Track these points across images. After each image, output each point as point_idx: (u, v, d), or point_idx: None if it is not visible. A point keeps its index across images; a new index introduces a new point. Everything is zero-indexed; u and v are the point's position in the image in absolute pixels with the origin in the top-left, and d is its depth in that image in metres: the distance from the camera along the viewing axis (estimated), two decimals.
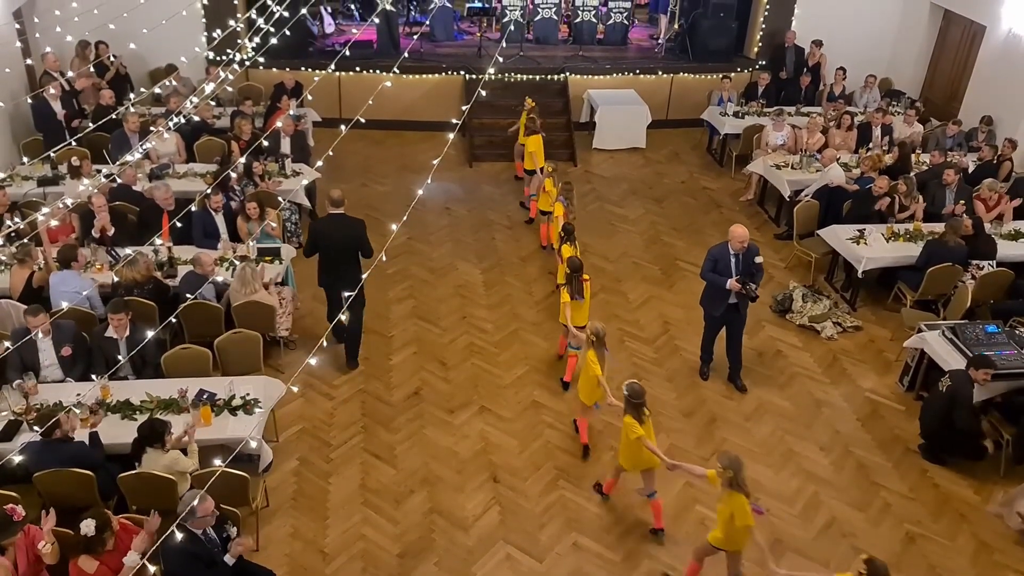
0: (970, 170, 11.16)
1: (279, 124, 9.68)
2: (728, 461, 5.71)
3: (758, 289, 8.07)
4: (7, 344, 6.36)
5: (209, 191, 8.89)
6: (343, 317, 5.43)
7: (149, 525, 5.54)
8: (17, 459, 5.23)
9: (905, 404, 8.46)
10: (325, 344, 6.83)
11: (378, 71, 13.30)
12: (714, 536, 5.93)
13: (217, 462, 5.00)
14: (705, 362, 8.73)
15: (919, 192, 10.34)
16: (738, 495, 5.65)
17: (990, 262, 9.26)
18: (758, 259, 8.07)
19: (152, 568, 4.19)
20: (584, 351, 7.24)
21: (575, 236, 8.92)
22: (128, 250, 8.21)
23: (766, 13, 14.49)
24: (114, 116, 10.03)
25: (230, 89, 11.82)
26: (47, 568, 5.47)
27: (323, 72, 11.21)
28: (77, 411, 6.37)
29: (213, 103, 11.61)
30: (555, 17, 15.09)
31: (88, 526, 5.26)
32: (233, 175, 9.30)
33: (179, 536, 4.78)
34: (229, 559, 5.56)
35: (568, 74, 13.98)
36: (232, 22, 8.76)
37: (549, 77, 13.93)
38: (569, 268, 8.05)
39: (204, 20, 12.83)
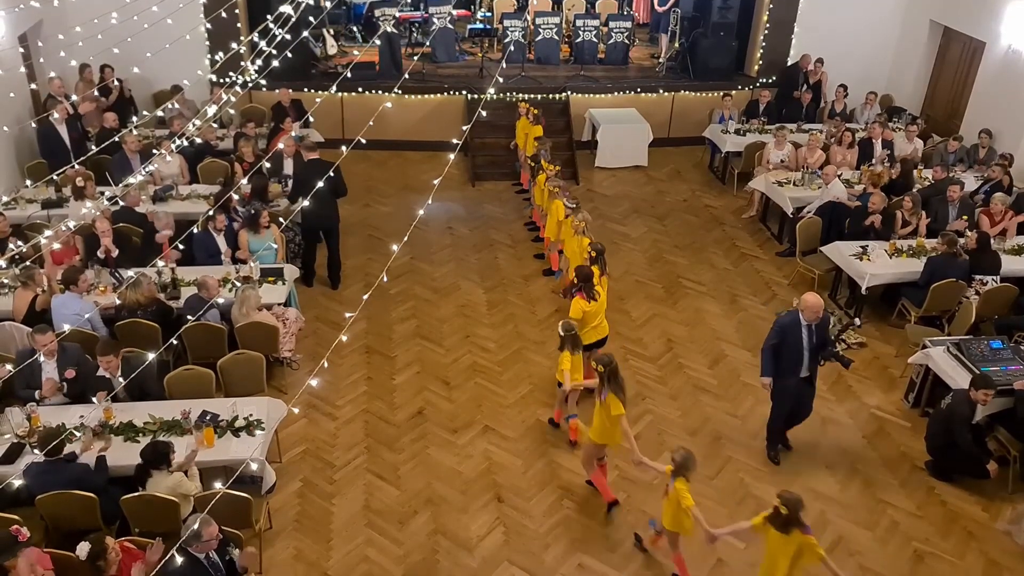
0: (973, 186, 11.18)
1: (281, 145, 9.73)
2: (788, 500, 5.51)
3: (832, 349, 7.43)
4: (8, 367, 6.36)
5: (211, 212, 8.92)
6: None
7: (151, 554, 5.48)
8: (17, 483, 5.21)
9: (911, 421, 8.41)
10: (326, 365, 6.80)
11: (380, 92, 13.37)
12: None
13: (218, 484, 4.98)
14: (773, 445, 7.81)
15: (922, 208, 10.35)
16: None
17: (994, 277, 9.24)
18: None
19: None
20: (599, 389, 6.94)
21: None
22: (131, 272, 8.22)
23: (766, 32, 14.57)
24: (117, 139, 10.08)
25: (232, 112, 11.89)
26: None
27: (325, 93, 11.27)
28: (78, 434, 6.36)
29: (216, 125, 11.67)
30: (556, 37, 15.20)
31: (82, 550, 5.23)
32: (235, 196, 9.34)
33: (180, 560, 4.75)
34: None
35: (569, 93, 14.05)
36: (235, 45, 8.82)
37: (551, 96, 14.00)
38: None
39: (207, 43, 12.92)
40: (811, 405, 7.69)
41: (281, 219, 9.36)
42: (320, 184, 7.22)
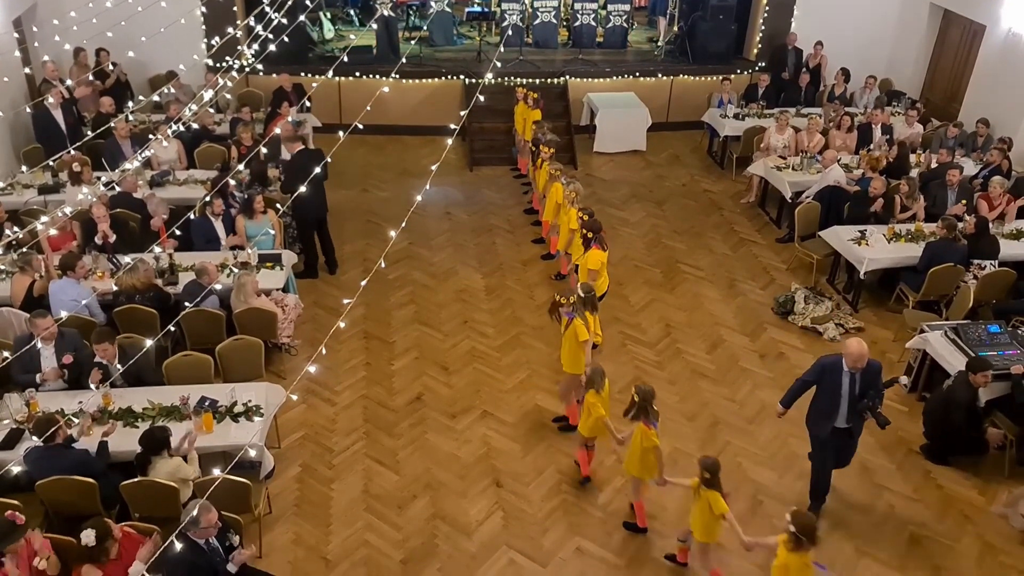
0: (972, 171, 11.16)
1: (278, 130, 9.69)
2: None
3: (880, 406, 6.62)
4: (6, 354, 6.35)
5: (208, 198, 8.89)
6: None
7: (153, 544, 5.48)
8: (17, 468, 5.21)
9: (908, 405, 8.43)
10: (324, 351, 6.80)
11: (378, 76, 13.30)
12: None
13: (217, 470, 4.99)
14: (817, 500, 7.06)
15: (921, 192, 10.33)
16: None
17: (992, 262, 9.24)
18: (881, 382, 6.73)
19: None
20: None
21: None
22: (128, 258, 8.21)
23: (765, 15, 14.50)
24: (113, 124, 10.04)
25: (229, 96, 11.82)
26: None
27: (322, 78, 11.21)
28: (76, 420, 6.37)
29: (212, 110, 11.61)
30: (554, 21, 15.11)
31: (88, 536, 5.24)
32: (232, 182, 9.30)
33: (180, 546, 4.76)
34: (232, 567, 5.55)
35: (568, 77, 13.99)
36: (231, 29, 8.77)
37: (549, 81, 13.93)
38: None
39: (203, 27, 12.84)
40: (850, 457, 7.03)
41: (279, 205, 9.34)
42: (316, 170, 7.20)
